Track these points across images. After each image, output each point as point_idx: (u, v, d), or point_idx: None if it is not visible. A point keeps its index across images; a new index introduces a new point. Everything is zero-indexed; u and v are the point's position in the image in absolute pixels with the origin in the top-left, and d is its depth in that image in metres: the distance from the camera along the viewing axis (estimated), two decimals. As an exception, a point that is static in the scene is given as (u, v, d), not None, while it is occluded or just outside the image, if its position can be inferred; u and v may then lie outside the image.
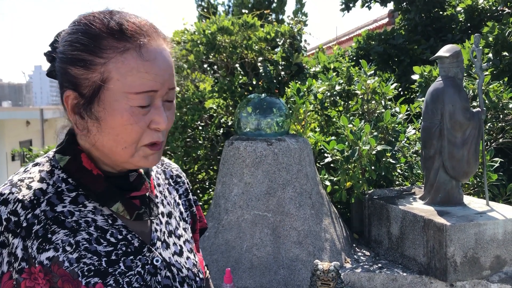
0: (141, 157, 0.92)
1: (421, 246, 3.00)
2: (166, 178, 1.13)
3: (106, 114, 0.88)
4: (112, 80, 0.86)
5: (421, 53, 6.73)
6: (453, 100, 3.06)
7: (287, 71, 3.59)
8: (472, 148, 3.09)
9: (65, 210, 0.90)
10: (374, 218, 3.47)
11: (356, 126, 3.49)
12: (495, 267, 2.88)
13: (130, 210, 0.94)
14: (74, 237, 0.88)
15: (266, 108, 3.43)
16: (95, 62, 0.87)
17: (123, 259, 0.91)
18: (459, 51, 3.12)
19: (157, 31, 0.92)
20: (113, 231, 0.92)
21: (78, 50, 0.88)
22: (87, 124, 0.90)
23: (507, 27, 5.44)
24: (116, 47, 0.87)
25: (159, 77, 0.88)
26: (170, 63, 0.92)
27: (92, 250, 0.89)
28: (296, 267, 3.10)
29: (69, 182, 0.93)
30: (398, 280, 3.00)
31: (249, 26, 3.42)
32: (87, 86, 0.88)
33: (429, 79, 5.28)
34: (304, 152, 3.37)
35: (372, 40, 7.26)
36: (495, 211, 3.02)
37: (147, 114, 0.89)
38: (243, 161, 3.29)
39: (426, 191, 3.29)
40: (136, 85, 0.86)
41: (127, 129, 0.88)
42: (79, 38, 0.88)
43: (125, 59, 0.86)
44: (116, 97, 0.87)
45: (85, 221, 0.91)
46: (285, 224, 3.19)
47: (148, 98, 0.88)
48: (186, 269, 1.00)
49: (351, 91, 4.34)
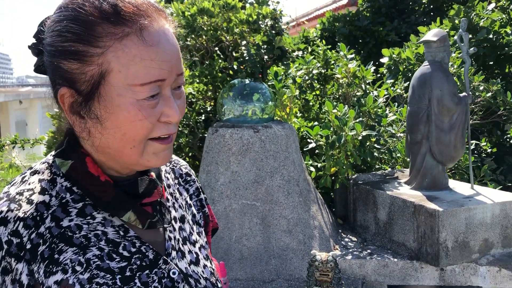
0: (151, 154, 0.81)
1: (411, 231, 3.01)
2: (175, 177, 1.02)
3: (109, 112, 0.76)
4: (112, 72, 0.74)
5: (386, 34, 6.77)
6: (441, 85, 3.05)
7: (270, 55, 3.48)
8: (459, 133, 3.11)
9: (72, 224, 0.79)
10: (360, 203, 3.46)
11: (340, 112, 3.44)
12: (484, 250, 2.94)
13: (142, 219, 0.84)
14: (84, 254, 0.78)
15: (250, 94, 3.31)
16: (90, 53, 0.74)
17: (138, 274, 0.81)
18: (446, 35, 3.11)
19: (157, 9, 0.79)
20: (126, 244, 0.82)
21: (69, 41, 0.75)
22: (87, 124, 0.78)
23: (471, 10, 5.54)
24: (113, 33, 0.74)
25: (166, 64, 0.76)
26: (176, 46, 0.80)
27: (105, 267, 0.78)
28: (287, 256, 3.05)
29: (73, 191, 0.81)
30: (389, 266, 3.01)
31: (230, 8, 3.27)
32: (84, 81, 0.75)
33: (398, 62, 5.32)
34: (291, 139, 3.29)
35: (336, 22, 7.24)
36: (482, 195, 3.07)
37: (157, 106, 0.77)
38: (229, 149, 3.17)
39: (412, 176, 3.30)
40: (141, 75, 0.74)
41: (136, 126, 0.76)
42: (68, 26, 0.75)
43: (125, 47, 0.74)
44: (119, 91, 0.75)
45: (94, 235, 0.80)
46: (274, 213, 3.12)
47: (156, 88, 0.76)
48: (204, 279, 0.91)
49: (328, 75, 4.29)
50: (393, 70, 5.30)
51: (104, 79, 0.75)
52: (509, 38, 5.16)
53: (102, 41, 0.74)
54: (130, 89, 0.75)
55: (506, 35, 5.19)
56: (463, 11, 5.49)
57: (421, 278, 2.96)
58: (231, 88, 3.34)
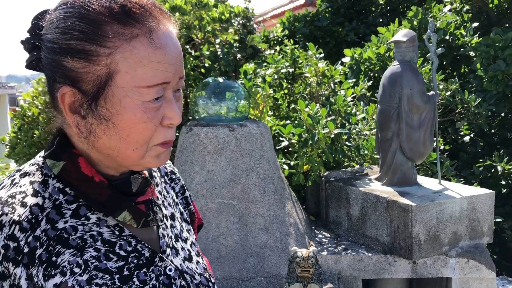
0: (152, 157, 0.82)
1: (384, 226, 3.09)
2: (161, 176, 1.03)
3: (115, 113, 0.76)
4: (120, 73, 0.74)
5: (346, 35, 6.92)
6: (411, 83, 3.15)
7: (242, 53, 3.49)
8: (428, 130, 3.22)
9: (67, 226, 0.78)
10: (332, 200, 3.52)
11: (312, 110, 3.49)
12: (453, 243, 3.06)
13: (137, 218, 0.84)
14: (81, 256, 0.78)
15: (224, 92, 3.31)
16: (98, 52, 0.74)
17: (136, 273, 0.81)
18: (415, 36, 3.22)
19: (162, 11, 0.80)
20: (122, 243, 0.82)
21: (75, 39, 0.74)
22: (90, 124, 0.78)
23: (429, 11, 5.75)
24: (122, 34, 0.74)
25: (171, 67, 0.77)
26: (180, 49, 0.81)
27: (103, 268, 0.79)
28: (265, 254, 3.06)
29: (66, 192, 0.81)
30: (364, 260, 3.08)
31: (202, 6, 3.25)
32: (90, 81, 0.75)
33: (360, 61, 5.45)
34: (265, 137, 3.31)
35: (297, 22, 7.33)
36: (450, 190, 3.19)
37: (160, 109, 0.78)
38: (205, 148, 3.16)
39: (382, 172, 3.39)
40: (148, 77, 0.75)
41: (140, 128, 0.77)
42: (75, 24, 0.74)
43: (133, 48, 0.74)
44: (125, 93, 0.75)
45: (90, 236, 0.80)
46: (251, 211, 3.13)
47: (161, 91, 0.77)
48: (198, 275, 0.92)
49: (296, 74, 4.34)
50: (354, 69, 5.43)
51: (111, 80, 0.75)
52: (464, 39, 5.39)
53: (111, 41, 0.74)
54: (136, 90, 0.75)
55: (461, 37, 5.42)
56: (421, 12, 5.69)
57: (395, 271, 3.05)
58: (205, 87, 3.32)
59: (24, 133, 3.59)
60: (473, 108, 4.52)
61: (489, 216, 3.16)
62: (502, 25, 5.52)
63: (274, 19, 9.47)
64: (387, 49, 5.25)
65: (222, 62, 3.25)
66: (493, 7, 5.85)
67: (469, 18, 5.76)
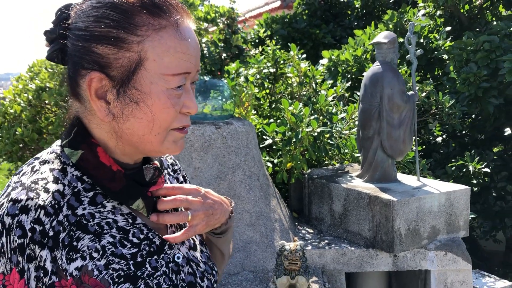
0: (171, 142, 0.87)
1: (366, 221, 3.19)
2: (164, 168, 1.07)
3: (143, 98, 0.81)
4: (148, 61, 0.80)
5: (323, 37, 7.05)
6: (391, 83, 3.27)
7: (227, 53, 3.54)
8: (407, 129, 3.34)
9: (86, 212, 0.83)
10: (315, 197, 3.61)
11: (296, 109, 3.57)
12: (432, 236, 3.19)
13: (148, 207, 0.89)
14: (99, 241, 0.82)
15: (210, 91, 3.36)
16: (129, 40, 0.79)
17: (148, 259, 0.86)
18: (395, 38, 3.34)
19: (184, 8, 0.87)
20: (135, 231, 0.87)
21: (108, 27, 0.79)
22: (114, 110, 0.82)
23: (404, 15, 5.92)
24: (151, 24, 0.80)
25: (193, 58, 0.84)
26: (198, 42, 0.88)
27: (119, 254, 0.83)
28: (251, 249, 3.12)
29: (84, 180, 0.85)
30: (347, 254, 3.17)
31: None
32: (119, 67, 0.80)
33: (337, 63, 5.57)
34: (250, 135, 3.37)
35: (274, 23, 7.42)
36: (428, 186, 3.32)
37: (180, 98, 0.85)
38: (191, 146, 3.20)
39: (364, 170, 3.49)
40: (173, 66, 0.81)
41: (164, 114, 0.83)
42: (108, 13, 0.79)
43: (161, 38, 0.80)
44: (152, 79, 0.81)
45: (106, 223, 0.84)
46: (237, 207, 3.19)
47: (183, 80, 0.84)
48: (203, 263, 0.98)
49: (277, 74, 4.42)
50: (332, 71, 5.55)
51: (141, 66, 0.80)
52: (437, 43, 5.58)
53: (141, 30, 0.79)
54: (162, 78, 0.81)
55: (435, 40, 5.60)
56: (396, 16, 5.86)
57: (377, 264, 3.15)
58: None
59: (6, 130, 3.56)
60: (447, 109, 4.68)
61: (465, 211, 3.30)
62: (473, 29, 5.73)
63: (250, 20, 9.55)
64: (364, 51, 5.38)
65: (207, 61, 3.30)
66: (464, 12, 6.06)
67: (442, 23, 5.96)
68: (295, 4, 7.97)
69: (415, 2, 6.40)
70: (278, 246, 2.72)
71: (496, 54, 4.81)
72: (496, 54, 4.81)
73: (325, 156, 3.70)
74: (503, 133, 5.75)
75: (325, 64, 5.66)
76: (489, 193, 5.38)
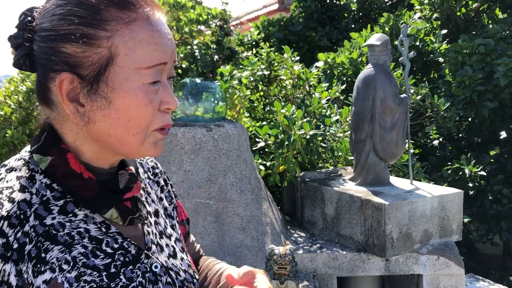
0: (151, 144, 0.83)
1: (358, 225, 3.17)
2: (144, 171, 1.03)
3: (117, 96, 0.77)
4: (120, 56, 0.76)
5: (319, 40, 7.03)
6: (384, 86, 3.24)
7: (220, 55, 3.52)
8: (400, 132, 3.32)
9: (55, 222, 0.78)
10: (308, 200, 3.58)
11: (289, 112, 3.55)
12: (424, 240, 3.16)
13: (123, 215, 0.85)
14: (69, 252, 0.78)
15: (202, 93, 3.33)
16: (98, 36, 0.75)
17: (123, 270, 0.82)
18: (388, 40, 3.31)
19: (153, 0, 0.84)
20: (108, 240, 0.83)
21: (74, 24, 0.75)
22: (88, 111, 0.78)
23: (400, 18, 5.90)
24: (121, 18, 0.76)
25: (168, 48, 0.81)
26: (171, 34, 0.86)
27: (91, 265, 0.79)
28: (241, 253, 3.09)
29: (54, 188, 0.81)
30: (339, 258, 3.14)
31: (180, 7, 3.28)
32: (90, 65, 0.76)
33: (333, 66, 5.55)
34: (242, 138, 3.35)
35: (271, 26, 7.41)
36: (421, 189, 3.29)
37: (158, 93, 0.81)
38: (182, 148, 3.17)
39: (356, 173, 3.47)
40: (147, 58, 0.78)
41: (142, 111, 0.79)
42: (73, 10, 0.76)
43: (132, 31, 0.77)
44: (126, 75, 0.77)
45: (77, 233, 0.80)
46: (228, 211, 3.16)
47: (159, 73, 0.80)
48: (183, 272, 0.94)
49: (272, 76, 4.39)
50: (328, 74, 5.53)
51: (112, 62, 0.76)
52: (433, 46, 5.56)
53: (110, 25, 0.76)
54: (137, 72, 0.78)
55: (431, 43, 5.59)
56: (392, 19, 5.84)
57: (368, 268, 3.12)
58: (182, 87, 3.34)
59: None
60: (442, 112, 4.66)
61: (458, 214, 3.27)
62: (469, 32, 5.71)
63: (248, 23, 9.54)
64: (359, 54, 5.36)
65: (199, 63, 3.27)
66: (460, 15, 6.05)
67: (438, 25, 5.94)
68: (292, 7, 7.96)
69: (412, 5, 6.38)
70: (268, 250, 2.69)
71: (491, 57, 4.79)
72: (491, 57, 4.79)
73: (318, 159, 3.68)
74: (499, 136, 5.73)
75: (321, 66, 5.65)
76: (485, 197, 5.35)
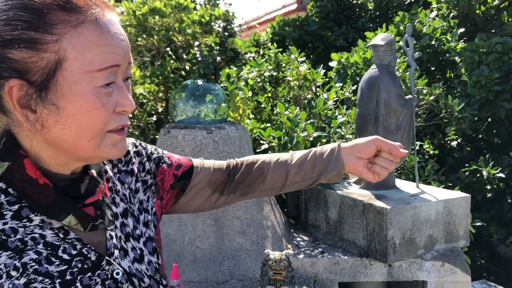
0: (109, 146, 0.81)
1: (360, 229, 3.10)
2: (113, 166, 1.00)
3: (66, 101, 0.75)
4: (68, 60, 0.74)
5: (335, 39, 6.93)
6: (388, 87, 3.16)
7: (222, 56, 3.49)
8: (405, 134, 3.23)
9: (7, 227, 0.76)
10: (311, 203, 3.52)
11: (292, 113, 3.50)
12: (428, 246, 3.07)
13: (83, 222, 0.83)
14: (19, 259, 0.75)
15: (203, 95, 3.31)
16: (45, 40, 0.73)
17: (80, 277, 0.79)
18: (392, 40, 3.23)
19: (103, 1, 0.81)
20: (66, 246, 0.80)
21: (20, 29, 0.73)
22: (41, 118, 0.76)
23: (416, 17, 5.77)
24: (68, 21, 0.74)
25: (120, 49, 0.78)
26: (125, 36, 0.83)
27: (43, 272, 0.76)
28: (240, 257, 3.06)
29: (9, 192, 0.79)
30: (340, 263, 3.08)
31: (182, 8, 3.26)
32: (38, 70, 0.74)
33: (347, 66, 5.46)
34: (244, 140, 3.32)
35: (286, 26, 7.35)
36: (426, 193, 3.20)
37: (112, 95, 0.78)
38: (182, 151, 3.16)
39: (361, 176, 3.39)
40: (97, 60, 0.75)
41: (94, 115, 0.76)
42: (17, 14, 0.73)
43: (80, 34, 0.74)
44: (76, 79, 0.74)
45: (31, 238, 0.78)
46: (228, 214, 3.13)
47: (111, 75, 0.78)
48: (148, 277, 0.91)
49: (279, 77, 4.34)
50: (341, 74, 5.44)
51: (61, 66, 0.74)
52: (449, 45, 5.41)
53: (57, 28, 0.74)
54: (87, 75, 0.75)
55: (447, 42, 5.44)
56: (407, 18, 5.71)
57: (370, 274, 3.05)
58: (184, 89, 3.32)
59: None
60: (457, 113, 4.53)
61: (465, 219, 3.17)
62: (487, 30, 5.55)
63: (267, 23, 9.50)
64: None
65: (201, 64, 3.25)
66: (479, 13, 5.87)
67: (455, 24, 5.79)
68: (309, 6, 7.88)
69: (429, 3, 6.23)
70: (264, 254, 2.65)
71: (508, 56, 4.63)
72: (508, 56, 4.63)
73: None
74: (518, 138, 5.54)
75: (335, 66, 5.57)
76: (504, 199, 5.18)
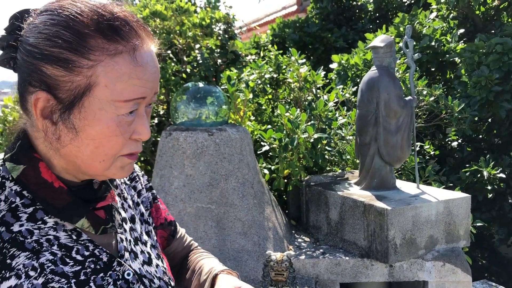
0: (118, 168, 0.83)
1: (361, 230, 3.11)
2: None
3: (88, 124, 0.77)
4: (99, 86, 0.76)
5: (335, 41, 6.96)
6: (388, 88, 3.18)
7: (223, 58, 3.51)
8: (405, 135, 3.24)
9: (23, 229, 0.79)
10: (312, 204, 3.54)
11: (293, 115, 3.51)
12: (429, 246, 3.08)
13: (95, 225, 0.85)
14: (37, 259, 0.78)
15: (204, 97, 3.33)
16: (80, 63, 0.75)
17: (93, 278, 0.82)
18: (392, 41, 3.25)
19: (147, 30, 0.82)
20: (79, 248, 0.83)
21: (59, 47, 0.74)
22: (59, 131, 0.79)
23: (415, 18, 5.79)
24: (106, 49, 0.75)
25: (150, 84, 0.80)
26: (158, 67, 0.84)
27: (59, 272, 0.79)
28: (242, 258, 3.08)
29: (24, 195, 0.81)
30: (341, 264, 3.09)
31: (183, 11, 3.28)
32: (67, 90, 0.76)
33: (347, 67, 5.48)
34: (245, 142, 3.33)
35: (287, 28, 7.37)
36: (427, 194, 3.21)
37: (132, 124, 0.81)
38: (184, 153, 3.18)
39: (361, 177, 3.41)
40: (126, 92, 0.77)
41: (111, 141, 0.79)
42: (60, 32, 0.75)
43: (116, 64, 0.76)
44: (102, 105, 0.76)
45: (46, 240, 0.80)
46: (229, 216, 3.15)
47: (136, 105, 0.80)
48: (157, 279, 0.94)
49: (279, 79, 4.36)
50: (342, 75, 5.46)
51: (90, 92, 0.76)
52: (449, 46, 5.43)
53: (94, 55, 0.75)
54: (113, 104, 0.77)
55: (447, 43, 5.46)
56: (407, 19, 5.73)
57: (372, 275, 3.06)
58: (185, 91, 3.34)
59: (5, 137, 3.62)
60: (457, 114, 4.55)
61: (465, 219, 3.18)
62: (487, 31, 5.56)
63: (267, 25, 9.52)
64: (373, 55, 5.28)
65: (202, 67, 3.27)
66: (479, 14, 5.89)
67: (455, 25, 5.80)
68: (309, 8, 7.90)
69: (429, 4, 6.25)
70: (265, 255, 2.66)
71: (508, 56, 4.65)
72: (508, 57, 4.65)
73: (322, 162, 3.63)
74: (519, 138, 5.55)
75: (335, 68, 5.59)
76: (505, 200, 5.19)
